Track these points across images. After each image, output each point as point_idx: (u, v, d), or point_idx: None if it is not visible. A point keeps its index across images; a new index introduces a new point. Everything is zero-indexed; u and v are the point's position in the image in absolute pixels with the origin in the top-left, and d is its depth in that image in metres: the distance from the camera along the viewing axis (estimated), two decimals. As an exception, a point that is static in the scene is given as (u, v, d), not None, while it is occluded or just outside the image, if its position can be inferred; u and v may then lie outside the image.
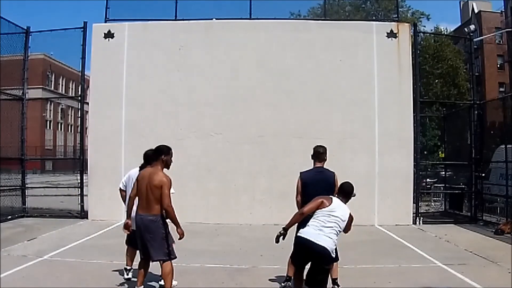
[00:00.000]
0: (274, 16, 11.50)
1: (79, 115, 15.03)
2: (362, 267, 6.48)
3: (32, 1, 67.19)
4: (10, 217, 10.54)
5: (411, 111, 10.98)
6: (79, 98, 12.30)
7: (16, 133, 11.26)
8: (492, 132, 15.12)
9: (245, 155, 10.83)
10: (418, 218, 10.84)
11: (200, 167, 10.76)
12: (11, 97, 11.38)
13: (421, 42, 20.23)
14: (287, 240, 4.44)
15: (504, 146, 10.98)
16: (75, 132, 48.24)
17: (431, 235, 9.37)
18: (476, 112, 11.94)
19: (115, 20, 11.39)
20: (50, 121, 46.80)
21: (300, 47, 11.04)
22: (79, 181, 11.37)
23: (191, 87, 11.00)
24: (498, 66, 36.04)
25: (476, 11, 37.23)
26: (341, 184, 4.76)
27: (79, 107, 12.81)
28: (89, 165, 11.04)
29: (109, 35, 11.15)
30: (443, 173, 14.71)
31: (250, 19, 11.24)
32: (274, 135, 10.79)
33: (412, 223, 10.67)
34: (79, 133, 23.00)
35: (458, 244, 8.35)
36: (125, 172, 6.22)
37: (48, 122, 46.23)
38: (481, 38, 29.61)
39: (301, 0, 16.42)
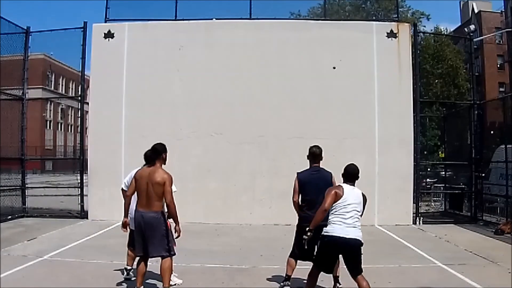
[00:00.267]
0: (274, 16, 11.52)
1: (79, 115, 15.06)
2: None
3: (32, 1, 67.23)
4: (10, 217, 10.55)
5: (411, 111, 10.98)
6: (79, 98, 12.31)
7: (16, 133, 11.27)
8: (492, 132, 15.16)
9: (245, 155, 10.83)
10: (418, 218, 10.84)
11: (200, 167, 10.75)
12: (11, 97, 11.39)
13: (421, 42, 20.25)
14: (287, 240, 4.45)
15: (504, 146, 10.98)
16: (75, 132, 48.21)
17: (431, 235, 9.37)
18: (476, 112, 11.95)
19: (115, 20, 11.40)
20: (50, 121, 46.75)
21: (300, 47, 11.03)
22: (79, 181, 11.38)
23: (191, 87, 11.00)
24: (498, 66, 36.06)
25: (476, 11, 37.26)
26: (346, 167, 4.72)
27: (79, 107, 12.83)
28: (89, 165, 11.04)
29: (109, 35, 11.15)
30: (443, 173, 14.72)
31: (250, 19, 11.24)
32: (274, 135, 10.79)
33: (412, 223, 10.67)
34: (79, 133, 23.05)
35: (458, 244, 8.35)
36: (125, 172, 6.24)
37: (48, 122, 46.19)
38: (481, 38, 29.65)
39: (301, 0, 16.45)
